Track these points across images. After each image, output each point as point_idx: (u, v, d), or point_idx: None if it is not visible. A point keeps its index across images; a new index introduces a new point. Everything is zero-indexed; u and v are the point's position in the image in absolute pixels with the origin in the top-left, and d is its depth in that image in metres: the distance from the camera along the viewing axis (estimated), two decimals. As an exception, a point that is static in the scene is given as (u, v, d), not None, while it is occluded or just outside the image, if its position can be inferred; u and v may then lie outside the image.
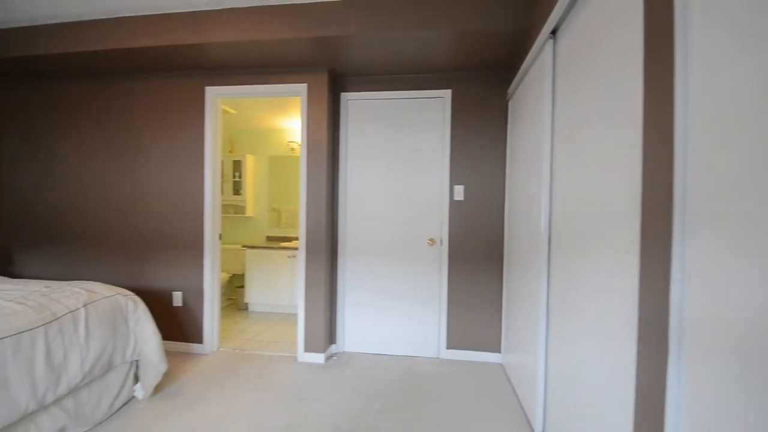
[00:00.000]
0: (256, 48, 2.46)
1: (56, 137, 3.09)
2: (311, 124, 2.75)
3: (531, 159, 2.03)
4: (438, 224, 2.84)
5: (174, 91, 2.91)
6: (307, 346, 2.78)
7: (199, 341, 2.90)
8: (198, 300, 2.90)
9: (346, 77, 2.91)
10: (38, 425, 1.63)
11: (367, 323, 2.94)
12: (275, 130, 4.67)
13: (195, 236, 2.88)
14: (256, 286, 4.07)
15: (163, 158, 2.93)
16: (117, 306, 1.98)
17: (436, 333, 2.87)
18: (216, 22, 2.38)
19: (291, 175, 4.58)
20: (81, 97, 3.05)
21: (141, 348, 2.07)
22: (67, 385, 1.68)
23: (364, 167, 2.93)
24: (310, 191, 2.76)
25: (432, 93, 2.82)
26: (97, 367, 1.82)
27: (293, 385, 2.40)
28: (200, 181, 2.87)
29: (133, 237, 2.98)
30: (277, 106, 3.79)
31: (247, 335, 3.36)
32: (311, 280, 2.77)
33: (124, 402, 2.08)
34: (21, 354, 1.51)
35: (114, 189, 3.01)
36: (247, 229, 4.75)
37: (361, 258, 2.94)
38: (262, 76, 2.79)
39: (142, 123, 2.96)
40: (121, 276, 2.98)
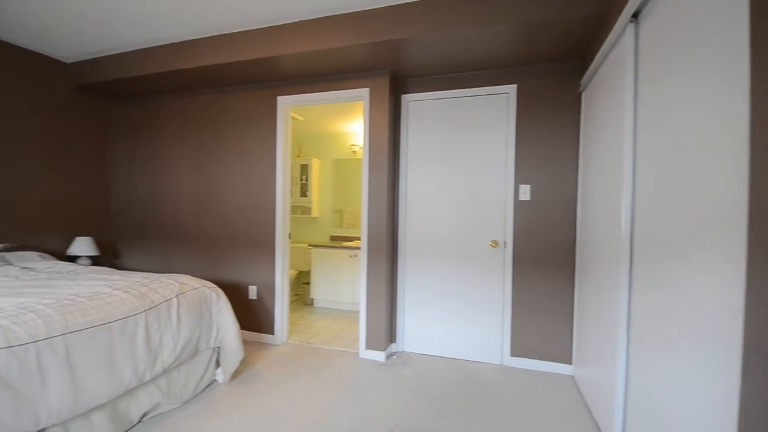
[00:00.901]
0: (322, 57, 2.58)
1: (153, 147, 3.54)
2: (373, 127, 2.81)
3: (609, 154, 1.86)
4: (501, 225, 2.74)
5: (250, 101, 3.17)
6: (369, 344, 2.85)
7: (270, 332, 3.13)
8: (270, 294, 3.12)
9: (407, 79, 2.93)
10: (138, 400, 1.88)
11: (427, 324, 2.93)
12: (339, 134, 4.85)
13: (268, 235, 3.11)
14: (321, 283, 4.27)
15: (241, 164, 3.21)
16: (203, 297, 2.22)
17: (499, 339, 2.76)
18: (287, 35, 2.54)
19: (353, 177, 4.72)
20: (174, 110, 3.46)
21: (222, 335, 2.28)
22: (162, 366, 1.91)
23: (425, 168, 2.92)
24: (372, 193, 2.83)
25: (496, 89, 2.73)
26: (186, 351, 2.05)
27: (355, 380, 2.47)
28: (272, 184, 3.09)
29: (215, 235, 3.30)
30: (341, 111, 3.93)
31: (313, 329, 3.53)
32: (372, 280, 2.84)
33: (207, 384, 2.31)
34: (126, 336, 1.76)
35: (200, 192, 3.36)
36: (312, 229, 5.00)
37: (421, 258, 2.93)
38: (327, 83, 2.92)
39: (224, 132, 3.27)
40: (205, 270, 3.32)
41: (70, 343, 1.53)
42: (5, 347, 1.35)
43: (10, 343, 1.36)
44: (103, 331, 1.65)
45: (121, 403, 1.79)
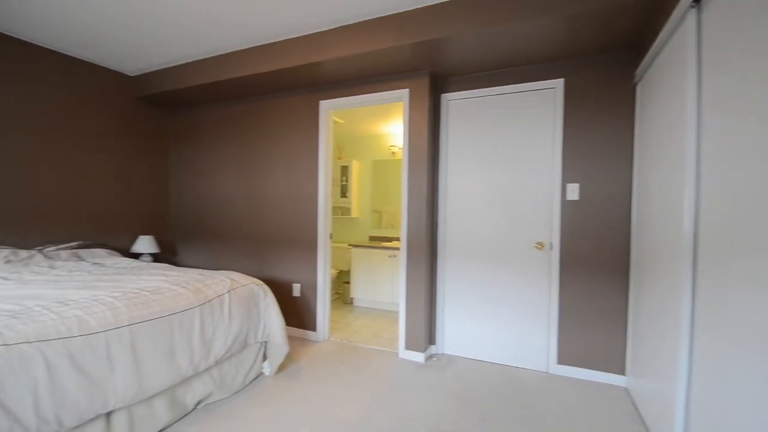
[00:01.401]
0: (362, 60, 2.62)
1: (205, 153, 3.78)
2: (412, 127, 2.81)
3: (670, 149, 1.73)
4: (547, 226, 2.62)
5: (293, 107, 3.28)
6: (408, 344, 2.84)
7: (313, 329, 3.22)
8: (312, 292, 3.21)
9: (447, 78, 2.90)
10: (193, 388, 2.01)
11: (468, 327, 2.88)
12: (377, 135, 4.90)
13: (310, 235, 3.20)
14: (360, 283, 4.33)
15: (285, 167, 3.33)
16: (251, 293, 2.33)
17: (545, 345, 2.64)
18: (327, 41, 2.61)
19: (392, 178, 4.75)
20: (223, 117, 3.67)
21: (269, 330, 2.39)
22: (215, 357, 2.04)
23: (465, 167, 2.87)
24: (411, 193, 2.82)
25: (541, 84, 2.62)
26: (236, 344, 2.16)
27: (395, 380, 2.48)
28: (315, 186, 3.18)
29: (262, 235, 3.46)
30: (380, 112, 3.97)
31: (353, 328, 3.59)
32: (412, 280, 2.83)
33: (255, 377, 2.42)
34: (184, 328, 1.89)
35: (248, 194, 3.53)
36: (352, 229, 5.08)
37: (461, 260, 2.89)
38: (367, 85, 2.96)
39: (269, 137, 3.42)
40: (253, 267, 3.49)
41: (135, 333, 1.67)
42: (80, 335, 1.49)
43: (84, 332, 1.51)
44: (164, 323, 1.79)
45: (178, 391, 1.92)
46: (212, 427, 1.89)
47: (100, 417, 1.57)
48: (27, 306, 1.56)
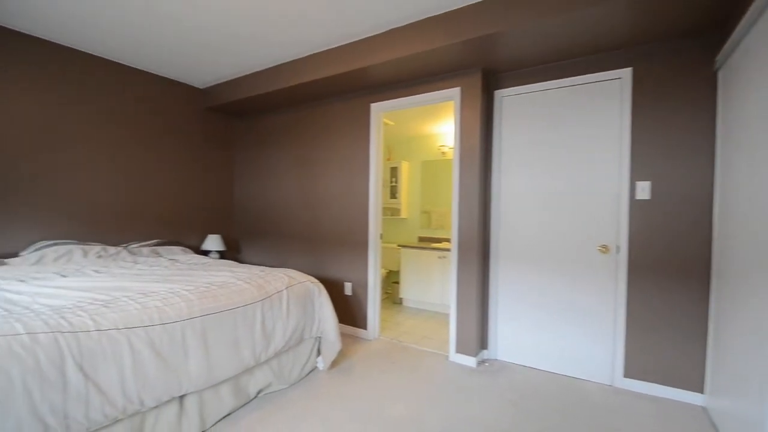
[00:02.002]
0: (412, 61, 2.62)
1: (266, 156, 4.01)
2: (464, 126, 2.76)
3: (765, 140, 1.53)
4: (613, 228, 2.44)
5: (345, 111, 3.38)
6: (459, 348, 2.80)
7: (363, 327, 3.28)
8: (363, 291, 3.28)
9: (500, 74, 2.81)
10: (255, 378, 2.14)
11: (523, 333, 2.76)
12: (427, 136, 4.87)
13: (361, 235, 3.27)
14: (409, 283, 4.34)
15: (337, 169, 3.44)
16: (307, 290, 2.44)
17: (610, 356, 2.46)
18: (378, 45, 2.65)
19: (441, 178, 4.70)
20: (280, 123, 3.87)
21: (323, 327, 2.48)
22: (274, 349, 2.15)
23: (520, 166, 2.76)
24: (463, 193, 2.77)
25: (605, 75, 2.45)
26: (293, 338, 2.27)
27: (446, 383, 2.45)
28: (365, 187, 3.25)
29: (316, 234, 3.60)
30: (429, 112, 3.95)
31: (402, 328, 3.61)
32: (463, 283, 2.78)
33: (310, 370, 2.52)
34: (247, 321, 2.02)
35: (303, 196, 3.70)
36: (401, 230, 5.10)
37: (516, 262, 2.78)
38: (418, 86, 2.96)
39: (321, 141, 3.55)
40: (308, 265, 3.64)
41: (206, 323, 1.82)
42: (160, 324, 1.66)
43: (163, 321, 1.67)
44: (230, 315, 1.93)
45: (241, 379, 2.06)
46: (272, 415, 2.00)
47: (175, 399, 1.73)
48: (115, 296, 1.76)
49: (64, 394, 1.33)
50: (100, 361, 1.43)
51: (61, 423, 1.31)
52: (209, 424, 1.87)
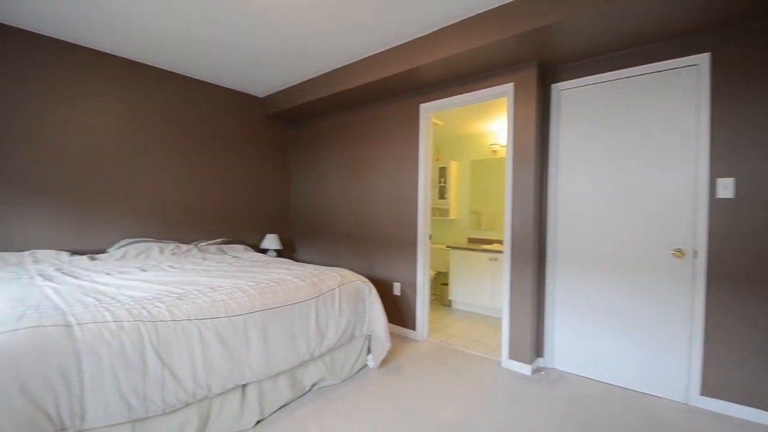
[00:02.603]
0: (463, 58, 2.58)
1: (319, 158, 4.17)
2: (518, 122, 2.66)
3: None
4: (689, 230, 2.21)
5: (394, 112, 3.41)
6: (512, 354, 2.69)
7: (412, 328, 3.28)
8: (412, 292, 3.28)
9: (558, 66, 2.67)
10: (310, 371, 2.23)
11: (583, 342, 2.59)
12: (477, 134, 4.76)
13: (410, 236, 3.28)
14: (459, 285, 4.26)
15: (386, 170, 3.48)
16: (358, 289, 2.49)
17: (685, 372, 2.23)
18: (427, 45, 2.64)
19: (492, 178, 4.56)
20: (333, 127, 4.00)
21: (373, 325, 2.52)
22: (327, 345, 2.23)
23: (581, 163, 2.60)
24: (516, 193, 2.67)
25: (678, 62, 2.23)
26: (345, 335, 2.33)
27: (498, 390, 2.37)
28: (414, 188, 3.25)
29: (366, 235, 3.67)
30: (480, 111, 3.85)
31: (451, 330, 3.55)
32: (516, 286, 2.68)
33: (360, 368, 2.57)
34: (302, 317, 2.11)
35: (353, 197, 3.79)
36: (450, 231, 5.03)
37: (575, 266, 2.62)
38: (468, 84, 2.91)
39: (371, 142, 3.61)
40: (358, 264, 3.72)
41: (265, 318, 1.92)
42: (225, 317, 1.79)
43: (228, 314, 1.80)
44: (287, 311, 2.03)
45: (297, 372, 2.15)
46: (325, 409, 2.07)
47: (238, 388, 1.86)
48: (187, 290, 1.93)
49: (144, 377, 1.48)
50: (174, 349, 1.57)
51: (142, 404, 1.46)
52: (268, 412, 1.98)
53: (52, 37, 2.77)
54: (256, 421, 1.91)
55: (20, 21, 2.56)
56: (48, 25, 2.61)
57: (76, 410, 1.32)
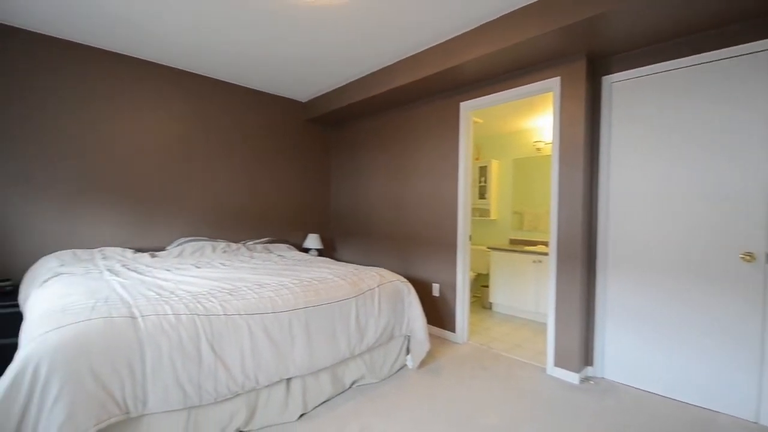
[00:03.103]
0: (505, 54, 2.50)
1: (357, 160, 4.23)
2: (565, 118, 2.54)
3: None
4: (762, 232, 2.00)
5: (433, 112, 3.38)
6: (558, 361, 2.58)
7: (451, 330, 3.24)
8: (451, 293, 3.23)
9: (609, 57, 2.51)
10: (350, 369, 2.26)
11: (637, 351, 2.42)
12: (519, 132, 4.60)
13: (449, 237, 3.24)
14: (500, 287, 4.14)
15: (425, 170, 3.46)
16: (397, 289, 2.50)
17: (754, 387, 2.01)
18: (469, 41, 2.59)
19: (535, 176, 4.39)
20: (371, 129, 4.04)
21: (412, 326, 2.51)
22: (367, 344, 2.25)
23: (635, 160, 2.43)
24: (563, 193, 2.55)
25: (751, 47, 2.02)
26: (384, 334, 2.35)
27: (543, 397, 2.28)
28: (454, 188, 3.20)
29: (405, 235, 3.67)
30: (522, 107, 3.72)
31: (492, 334, 3.46)
32: (563, 290, 2.56)
33: (399, 368, 2.58)
34: (343, 315, 2.15)
35: (391, 198, 3.80)
36: (490, 232, 4.90)
37: (629, 270, 2.46)
38: (510, 80, 2.82)
39: (410, 142, 3.60)
40: (396, 264, 3.73)
41: (308, 315, 1.98)
42: (272, 312, 1.86)
43: (275, 310, 1.87)
44: (329, 309, 2.08)
45: (338, 369, 2.20)
46: (365, 407, 2.10)
47: (283, 381, 1.93)
48: (237, 286, 2.03)
49: (199, 367, 1.57)
50: (226, 342, 1.67)
51: (197, 392, 1.56)
52: (310, 407, 2.04)
53: (125, 54, 3.08)
54: (299, 414, 1.97)
55: (98, 41, 2.86)
56: (124, 45, 2.88)
57: (139, 396, 1.43)
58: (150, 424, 1.49)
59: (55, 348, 1.29)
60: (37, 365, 1.24)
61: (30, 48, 2.69)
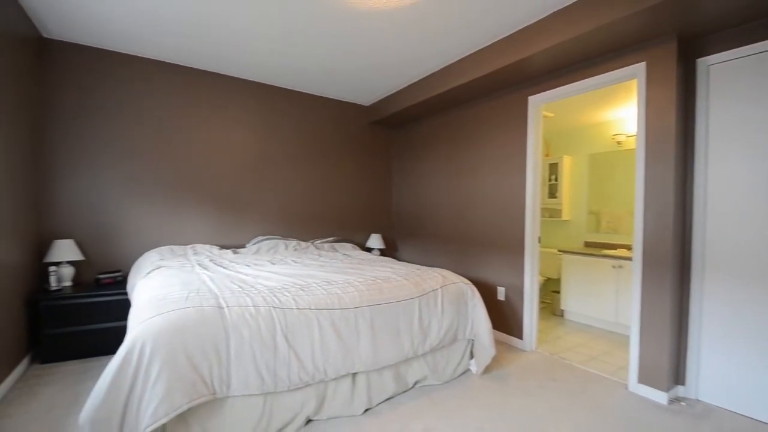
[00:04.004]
0: (581, 42, 2.33)
1: (419, 160, 4.23)
2: (651, 107, 2.29)
3: None
4: None
5: (498, 108, 3.26)
6: (642, 377, 2.33)
7: (518, 336, 3.09)
8: (518, 298, 3.09)
9: (704, 37, 2.21)
10: (413, 368, 2.27)
11: (740, 371, 2.09)
12: (595, 125, 4.24)
13: (516, 238, 3.09)
14: (573, 294, 3.85)
15: (490, 168, 3.35)
16: (460, 291, 2.46)
17: None
18: (538, 31, 2.45)
19: (615, 172, 4.01)
20: (433, 128, 4.02)
21: (476, 330, 2.45)
22: (429, 345, 2.24)
23: (739, 153, 2.10)
24: (650, 190, 2.30)
25: None
26: (447, 336, 2.32)
27: (626, 418, 2.07)
28: (522, 186, 3.05)
29: (467, 235, 3.59)
30: (599, 98, 3.43)
31: (564, 343, 3.23)
32: (649, 299, 2.30)
33: (462, 372, 2.52)
34: (406, 314, 2.16)
35: (454, 196, 3.74)
36: (562, 233, 4.59)
37: (730, 278, 2.13)
38: (586, 69, 2.61)
39: (474, 140, 3.51)
40: (458, 266, 3.67)
41: (373, 312, 2.03)
42: (339, 309, 1.94)
43: (342, 306, 1.95)
44: (392, 307, 2.11)
45: (401, 368, 2.22)
46: (427, 408, 2.09)
47: (349, 375, 2.00)
48: (308, 282, 2.15)
49: (275, 356, 1.70)
50: (298, 334, 1.77)
51: (272, 379, 1.68)
52: (374, 403, 2.09)
53: (223, 73, 3.47)
54: (364, 409, 2.03)
55: (207, 64, 3.29)
56: (225, 66, 3.24)
57: (224, 378, 1.59)
58: (233, 406, 1.64)
59: (157, 331, 1.48)
60: (143, 345, 1.44)
61: (145, 73, 3.14)
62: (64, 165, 2.87)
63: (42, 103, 2.78)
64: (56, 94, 2.83)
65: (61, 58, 2.84)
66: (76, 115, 2.90)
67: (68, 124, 2.87)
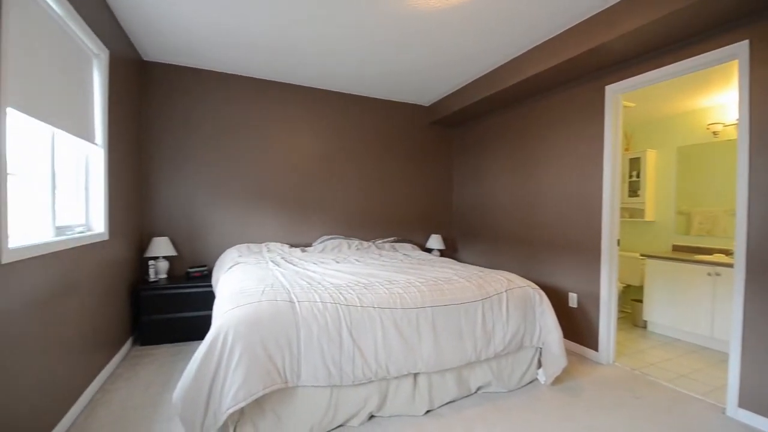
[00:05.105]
0: (667, 22, 2.09)
1: (481, 159, 4.12)
2: (757, 91, 1.98)
3: None
4: None
5: (571, 100, 3.05)
6: (744, 401, 2.02)
7: (593, 348, 2.86)
8: (593, 305, 2.86)
9: (837, 5, 1.86)
10: (476, 373, 2.21)
11: None
12: (685, 114, 3.77)
13: (591, 240, 2.86)
14: (658, 303, 3.47)
15: (561, 166, 3.14)
16: (527, 296, 2.34)
17: None
18: (616, 15, 2.26)
19: (708, 168, 3.54)
20: (495, 126, 3.89)
21: (545, 337, 2.31)
22: (494, 350, 2.17)
23: None
24: (755, 186, 1.99)
25: None
26: (512, 342, 2.23)
27: (726, 444, 1.82)
28: (598, 184, 2.82)
29: (533, 237, 3.41)
30: (689, 84, 3.05)
31: (647, 357, 2.92)
32: (756, 312, 1.99)
33: (529, 381, 2.40)
34: (469, 317, 2.12)
35: (520, 196, 3.58)
36: (645, 236, 4.15)
37: None
38: (673, 53, 2.34)
39: (542, 136, 3.33)
40: (523, 269, 3.50)
41: (435, 313, 2.02)
42: (401, 308, 1.96)
43: (403, 306, 1.97)
44: (454, 309, 2.08)
45: (464, 372, 2.18)
46: (492, 415, 2.03)
47: (410, 375, 2.01)
48: (371, 281, 2.21)
49: (340, 351, 1.77)
50: (362, 331, 1.83)
51: (338, 373, 1.76)
52: (436, 405, 2.08)
53: (295, 84, 3.73)
54: (425, 410, 2.03)
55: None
56: (293, 77, 3.48)
57: (295, 369, 1.69)
58: (304, 396, 1.75)
59: (238, 322, 1.63)
60: (226, 334, 1.59)
61: (226, 89, 3.48)
62: (159, 171, 3.28)
63: (140, 117, 3.21)
64: (151, 110, 3.25)
65: (156, 77, 3.25)
66: (166, 127, 3.30)
67: (160, 136, 3.28)
